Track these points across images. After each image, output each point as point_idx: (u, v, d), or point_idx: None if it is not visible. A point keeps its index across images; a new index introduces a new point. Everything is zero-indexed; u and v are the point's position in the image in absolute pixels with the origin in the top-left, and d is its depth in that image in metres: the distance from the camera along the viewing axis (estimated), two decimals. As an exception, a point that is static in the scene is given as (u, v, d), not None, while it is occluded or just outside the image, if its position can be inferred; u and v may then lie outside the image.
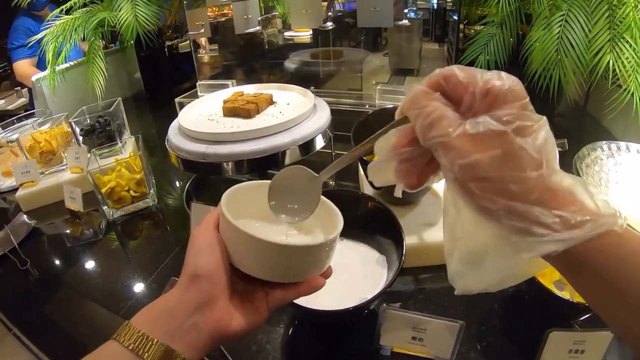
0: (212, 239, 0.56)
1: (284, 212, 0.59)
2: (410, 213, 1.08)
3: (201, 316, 0.51)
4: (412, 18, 1.81)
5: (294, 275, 0.57)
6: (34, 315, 1.04)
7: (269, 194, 0.59)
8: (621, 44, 1.28)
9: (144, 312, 0.52)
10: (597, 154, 1.18)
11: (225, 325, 0.52)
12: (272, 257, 0.54)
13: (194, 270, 0.53)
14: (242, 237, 0.53)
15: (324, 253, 0.58)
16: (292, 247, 0.54)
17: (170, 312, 0.51)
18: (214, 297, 0.52)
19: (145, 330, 0.49)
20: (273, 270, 0.56)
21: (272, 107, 1.33)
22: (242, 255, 0.55)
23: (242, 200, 0.61)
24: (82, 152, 1.48)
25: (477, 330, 0.85)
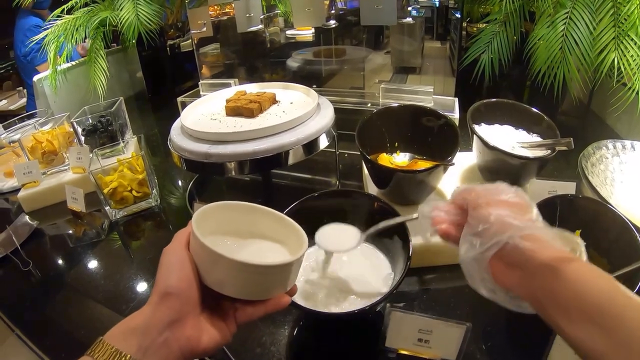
0: (183, 256, 0.57)
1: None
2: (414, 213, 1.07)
3: (172, 333, 0.52)
4: (414, 16, 1.81)
5: (261, 293, 0.60)
6: (36, 316, 1.04)
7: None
8: (626, 41, 1.28)
9: (117, 328, 0.53)
10: (602, 153, 1.18)
11: (196, 341, 0.54)
12: (240, 275, 0.56)
13: (165, 288, 0.54)
14: (211, 255, 0.55)
15: (289, 272, 0.61)
16: (258, 266, 0.56)
17: (143, 328, 0.52)
18: (185, 315, 0.54)
19: (118, 346, 0.50)
20: (241, 288, 0.58)
21: (275, 107, 1.32)
22: (211, 273, 0.57)
23: (213, 219, 0.64)
24: (84, 152, 1.47)
25: (483, 331, 0.85)
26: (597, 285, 0.47)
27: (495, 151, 1.05)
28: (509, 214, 0.56)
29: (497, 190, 0.61)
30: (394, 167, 1.10)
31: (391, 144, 1.22)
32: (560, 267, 0.49)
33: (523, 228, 0.54)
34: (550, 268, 0.50)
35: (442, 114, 1.15)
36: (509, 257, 0.54)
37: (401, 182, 1.03)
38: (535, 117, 1.18)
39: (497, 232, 0.55)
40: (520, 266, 0.54)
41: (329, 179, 1.42)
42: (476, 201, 0.60)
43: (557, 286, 0.49)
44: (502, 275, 0.56)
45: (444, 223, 0.65)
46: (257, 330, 0.88)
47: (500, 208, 0.57)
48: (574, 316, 0.47)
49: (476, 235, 0.58)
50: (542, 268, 0.51)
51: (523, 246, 0.53)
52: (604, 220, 0.90)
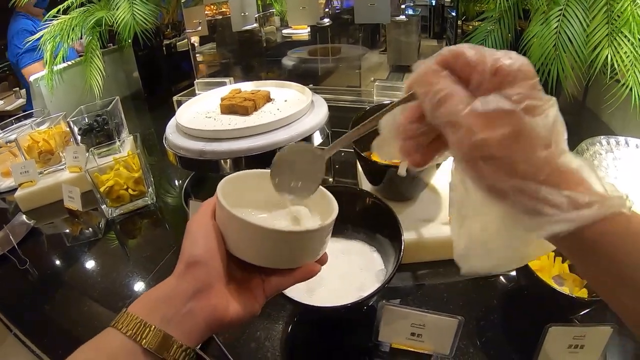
0: (209, 226, 0.56)
1: (286, 190, 0.59)
2: (408, 209, 1.08)
3: (197, 303, 0.51)
4: (410, 15, 1.81)
5: (289, 262, 0.58)
6: (33, 315, 1.04)
7: (272, 169, 0.59)
8: (619, 38, 1.28)
9: (142, 300, 0.52)
10: (596, 149, 1.18)
11: (222, 312, 0.52)
12: (267, 243, 0.54)
13: (189, 257, 0.53)
14: (238, 223, 0.53)
15: (319, 239, 0.58)
16: (288, 233, 0.54)
17: (167, 299, 0.51)
18: (210, 284, 0.52)
19: (142, 317, 0.49)
20: (269, 257, 0.56)
21: (270, 104, 1.33)
22: (238, 242, 0.55)
23: (239, 188, 0.62)
24: (81, 152, 1.48)
25: (476, 325, 0.85)
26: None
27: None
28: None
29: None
30: (387, 164, 1.11)
31: (385, 140, 1.21)
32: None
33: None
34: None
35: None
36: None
37: (394, 179, 1.03)
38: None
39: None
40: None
41: (324, 177, 1.43)
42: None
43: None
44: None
45: (418, 152, 0.48)
46: (251, 326, 0.89)
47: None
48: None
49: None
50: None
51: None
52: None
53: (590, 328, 0.71)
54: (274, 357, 0.83)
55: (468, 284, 0.96)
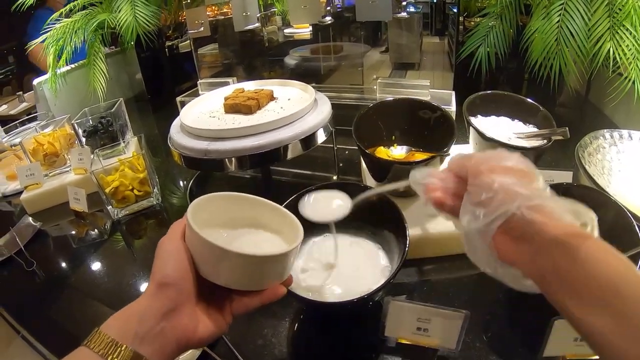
0: (179, 247, 0.58)
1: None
2: (413, 204, 1.08)
3: (168, 323, 0.53)
4: (412, 12, 1.81)
5: (255, 284, 0.61)
6: (41, 316, 1.04)
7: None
8: (621, 31, 1.28)
9: (114, 318, 0.54)
10: (600, 143, 1.18)
11: (192, 331, 0.54)
12: (233, 266, 0.57)
13: (161, 278, 0.55)
14: (206, 245, 0.55)
15: (284, 262, 0.61)
16: (253, 257, 0.57)
17: (139, 318, 0.53)
18: (181, 304, 0.54)
19: (114, 336, 0.51)
20: (237, 279, 0.58)
21: (273, 103, 1.33)
22: (207, 263, 0.58)
23: (208, 210, 0.65)
24: (85, 153, 1.48)
25: (482, 320, 0.86)
26: (611, 266, 0.43)
27: (492, 142, 1.06)
28: (515, 182, 0.51)
29: (499, 157, 0.55)
30: (391, 159, 1.11)
31: (388, 137, 1.22)
32: (572, 244, 0.45)
33: (531, 197, 0.49)
34: (561, 244, 0.46)
35: (437, 106, 1.16)
36: (515, 230, 0.50)
37: (398, 174, 1.03)
38: (531, 108, 1.19)
39: (503, 202, 0.50)
40: (527, 240, 0.49)
41: (329, 175, 1.43)
42: (477, 168, 0.54)
43: (568, 264, 0.45)
44: (506, 250, 0.52)
45: (438, 191, 0.61)
46: (258, 323, 0.89)
47: (504, 175, 0.52)
48: (584, 298, 0.43)
49: (479, 204, 0.52)
50: (552, 244, 0.46)
51: (531, 218, 0.48)
52: (600, 207, 0.90)
53: (596, 320, 0.71)
54: (280, 353, 0.84)
55: (473, 279, 0.96)
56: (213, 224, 0.66)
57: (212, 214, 0.65)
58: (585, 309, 0.43)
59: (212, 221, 0.65)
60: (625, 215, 0.86)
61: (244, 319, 0.62)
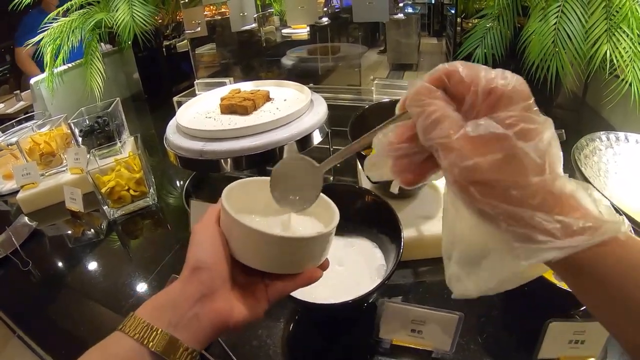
0: (213, 232, 0.57)
1: (285, 202, 0.60)
2: (408, 206, 1.08)
3: (202, 307, 0.52)
4: (410, 13, 1.82)
5: (292, 267, 0.59)
6: (37, 316, 1.04)
7: (270, 183, 0.59)
8: (618, 34, 1.28)
9: (148, 304, 0.53)
10: (596, 145, 1.18)
11: (226, 315, 0.53)
12: (270, 249, 0.56)
13: (195, 262, 0.54)
14: (242, 229, 0.54)
15: (320, 245, 0.59)
16: (290, 239, 0.55)
17: (173, 303, 0.52)
18: (215, 289, 0.53)
19: (149, 321, 0.50)
20: (272, 262, 0.57)
21: (269, 104, 1.33)
22: (242, 247, 0.57)
23: (242, 195, 0.63)
24: (82, 153, 1.48)
25: (477, 322, 0.86)
26: None
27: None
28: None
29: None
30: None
31: (384, 139, 1.22)
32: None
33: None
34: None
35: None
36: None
37: (394, 176, 1.03)
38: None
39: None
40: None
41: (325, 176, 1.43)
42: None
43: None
44: None
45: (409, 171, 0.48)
46: (253, 324, 0.89)
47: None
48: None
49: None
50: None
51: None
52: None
53: (590, 323, 0.71)
54: (275, 354, 0.84)
55: (469, 281, 0.96)
56: (248, 208, 0.64)
57: (247, 199, 0.64)
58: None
59: (247, 205, 0.64)
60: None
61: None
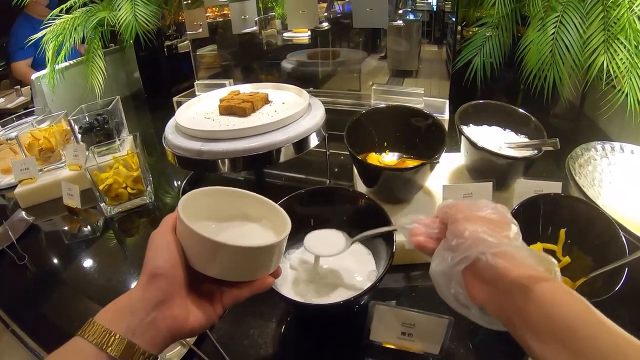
0: (170, 240, 0.59)
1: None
2: (402, 211, 1.09)
3: (159, 313, 0.54)
4: (411, 20, 1.82)
5: (245, 275, 0.62)
6: (31, 311, 1.04)
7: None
8: (615, 45, 1.29)
9: (107, 309, 0.56)
10: (591, 154, 1.19)
11: (182, 321, 0.56)
12: (224, 257, 0.58)
13: (152, 269, 0.56)
14: (196, 237, 0.57)
15: (272, 254, 0.63)
16: (242, 248, 0.58)
17: (130, 309, 0.54)
18: (171, 295, 0.56)
19: (108, 326, 0.52)
20: (225, 270, 0.60)
21: (268, 106, 1.34)
22: (197, 255, 0.59)
23: (198, 204, 0.66)
24: (81, 150, 1.49)
25: (467, 327, 0.86)
26: (570, 307, 0.47)
27: (482, 151, 1.07)
28: (485, 230, 0.56)
29: (477, 206, 0.61)
30: (382, 166, 1.12)
31: (380, 143, 1.23)
32: (532, 287, 0.49)
33: (496, 245, 0.54)
34: (522, 287, 0.50)
35: (429, 114, 1.17)
36: (482, 273, 0.54)
37: (389, 180, 1.04)
38: (523, 118, 1.20)
39: (469, 247, 0.55)
40: (492, 283, 0.54)
41: (321, 179, 1.44)
42: (455, 215, 0.60)
43: (528, 306, 0.49)
44: (475, 291, 0.56)
45: (421, 235, 0.67)
46: (245, 323, 0.90)
47: (476, 224, 0.57)
48: (544, 337, 0.47)
49: (449, 249, 0.58)
50: (514, 286, 0.51)
51: (495, 263, 0.53)
52: (588, 218, 0.92)
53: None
54: (266, 354, 0.85)
55: (460, 286, 0.96)
56: (204, 217, 0.67)
57: (203, 208, 0.67)
58: (545, 346, 0.47)
59: (203, 214, 0.67)
60: (613, 227, 0.87)
61: (231, 319, 0.63)
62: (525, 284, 0.50)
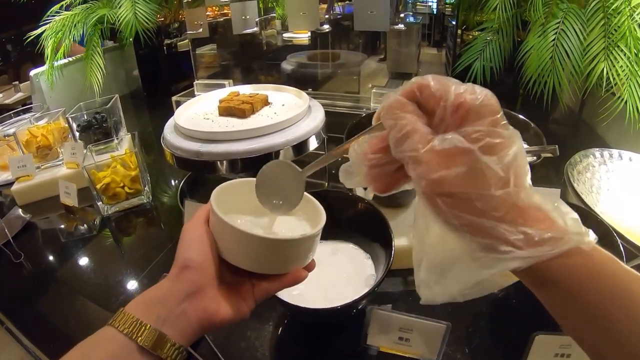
0: (202, 232, 0.58)
1: (270, 205, 0.61)
2: (401, 215, 1.09)
3: (190, 305, 0.53)
4: (411, 22, 1.82)
5: (277, 267, 0.60)
6: (26, 308, 1.04)
7: (256, 187, 0.61)
8: (615, 52, 1.30)
9: (137, 300, 0.55)
10: (590, 161, 1.19)
11: (213, 313, 0.55)
12: (256, 249, 0.57)
13: (183, 261, 0.56)
14: (230, 230, 0.56)
15: (305, 247, 0.61)
16: (275, 240, 0.57)
17: (161, 300, 0.54)
18: (202, 287, 0.55)
19: (138, 316, 0.52)
20: (258, 262, 0.59)
21: (267, 108, 1.33)
22: (230, 247, 0.58)
23: (231, 196, 0.64)
24: (78, 148, 1.48)
25: (464, 332, 0.86)
26: (622, 270, 0.39)
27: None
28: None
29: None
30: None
31: (380, 147, 1.22)
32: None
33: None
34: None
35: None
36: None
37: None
38: (521, 125, 1.20)
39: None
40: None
41: (320, 181, 1.43)
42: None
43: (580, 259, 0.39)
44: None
45: (382, 180, 0.49)
46: (242, 325, 0.90)
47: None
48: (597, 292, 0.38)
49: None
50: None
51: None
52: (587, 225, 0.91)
53: (576, 337, 0.72)
54: (263, 356, 0.84)
55: (457, 291, 0.96)
56: (238, 209, 0.66)
57: (237, 200, 0.65)
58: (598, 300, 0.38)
59: (237, 207, 0.65)
60: (611, 234, 0.87)
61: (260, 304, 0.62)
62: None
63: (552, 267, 0.39)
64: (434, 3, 1.82)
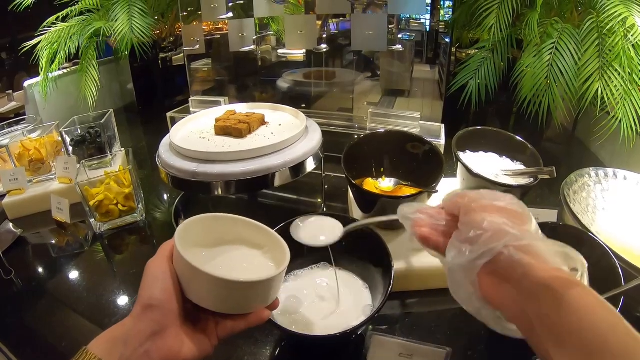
0: (165, 269, 0.59)
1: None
2: (399, 237, 1.08)
3: (153, 344, 0.53)
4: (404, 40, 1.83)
5: (241, 308, 0.61)
6: (16, 325, 1.03)
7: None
8: (610, 72, 1.31)
9: (100, 339, 0.55)
10: (585, 181, 1.20)
11: (176, 353, 0.55)
12: (219, 290, 0.58)
13: (147, 300, 0.56)
14: (191, 270, 0.56)
15: (269, 288, 0.62)
16: (239, 283, 0.57)
17: (124, 340, 0.54)
18: (166, 326, 0.55)
19: (101, 355, 0.52)
20: (221, 303, 0.59)
21: (264, 128, 1.32)
22: (193, 287, 0.58)
23: (198, 231, 0.66)
24: (72, 163, 1.47)
25: (463, 355, 0.86)
26: (603, 318, 0.42)
27: (479, 178, 1.07)
28: (505, 222, 0.51)
29: (492, 196, 0.57)
30: (379, 193, 1.12)
31: (377, 169, 1.23)
32: (562, 291, 0.44)
33: (520, 237, 0.49)
34: (550, 290, 0.45)
35: (427, 140, 1.17)
36: (502, 271, 0.50)
37: (385, 208, 1.04)
38: (519, 146, 1.21)
39: (490, 239, 0.50)
40: (513, 283, 0.49)
41: (315, 200, 1.43)
42: (469, 205, 0.56)
43: (554, 312, 0.44)
44: (491, 291, 0.51)
45: (425, 227, 0.63)
46: (238, 350, 0.88)
47: (495, 214, 0.52)
48: (570, 349, 0.42)
49: (467, 241, 0.53)
50: (540, 288, 0.46)
51: (519, 258, 0.48)
52: (584, 247, 0.91)
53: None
54: (259, 382, 0.83)
55: (456, 313, 0.96)
56: (203, 244, 0.66)
57: (201, 235, 0.66)
58: (569, 358, 0.42)
59: (201, 242, 0.66)
60: (608, 255, 0.87)
61: (224, 344, 0.61)
62: (555, 287, 0.45)
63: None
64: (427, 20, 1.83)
